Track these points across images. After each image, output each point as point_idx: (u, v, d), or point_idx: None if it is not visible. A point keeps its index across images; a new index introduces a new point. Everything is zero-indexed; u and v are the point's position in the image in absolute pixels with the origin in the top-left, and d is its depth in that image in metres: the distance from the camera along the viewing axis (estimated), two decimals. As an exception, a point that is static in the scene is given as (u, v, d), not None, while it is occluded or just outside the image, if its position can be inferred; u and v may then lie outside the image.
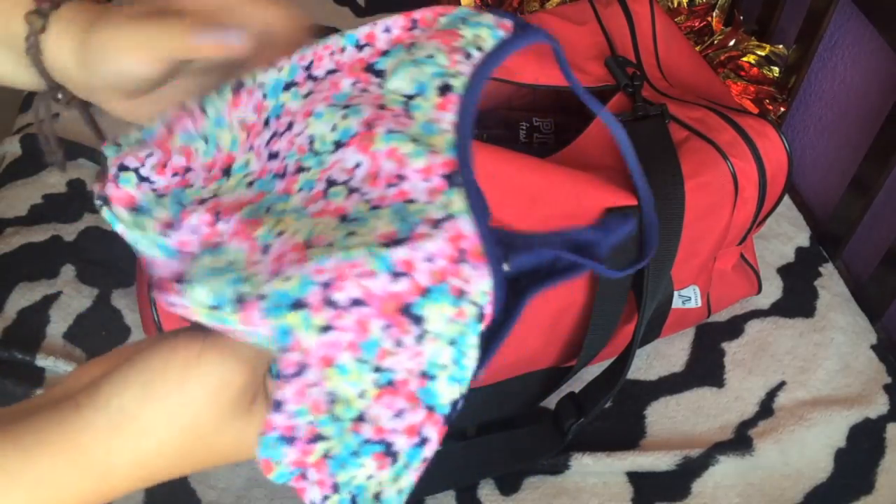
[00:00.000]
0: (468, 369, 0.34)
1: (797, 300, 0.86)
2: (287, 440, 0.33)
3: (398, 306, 0.31)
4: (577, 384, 0.74)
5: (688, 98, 0.76)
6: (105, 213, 0.38)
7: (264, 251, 0.33)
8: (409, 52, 0.37)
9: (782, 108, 0.98)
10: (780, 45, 1.00)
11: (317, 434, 0.33)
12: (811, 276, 0.89)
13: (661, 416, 0.77)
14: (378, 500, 0.35)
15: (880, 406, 0.78)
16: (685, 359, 0.82)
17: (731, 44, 0.99)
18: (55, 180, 0.93)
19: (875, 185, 0.84)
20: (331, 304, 0.31)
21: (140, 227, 0.37)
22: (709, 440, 0.75)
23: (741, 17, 1.02)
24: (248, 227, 0.34)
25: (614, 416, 0.77)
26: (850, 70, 0.92)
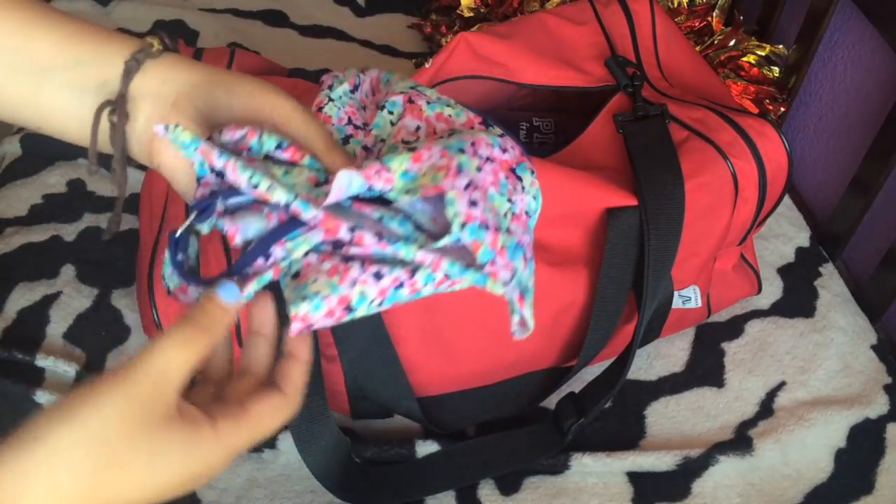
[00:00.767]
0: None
1: (797, 300, 0.86)
2: (485, 227, 0.41)
3: (509, 167, 0.45)
4: (577, 384, 0.74)
5: (688, 98, 0.76)
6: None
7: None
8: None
9: (782, 108, 0.98)
10: (780, 45, 1.00)
11: (499, 225, 0.42)
12: (811, 276, 0.89)
13: (661, 416, 0.77)
14: (527, 288, 0.44)
15: (880, 406, 0.78)
16: (685, 359, 0.82)
17: (731, 44, 0.99)
18: (55, 180, 0.93)
19: (875, 185, 0.84)
20: (477, 154, 0.43)
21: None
22: (709, 440, 0.75)
23: (741, 17, 1.02)
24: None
25: (614, 416, 0.77)
26: (850, 70, 0.92)
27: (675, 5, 1.02)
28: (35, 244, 0.86)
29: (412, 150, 0.42)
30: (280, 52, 1.10)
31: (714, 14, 1.01)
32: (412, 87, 0.48)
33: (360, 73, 0.51)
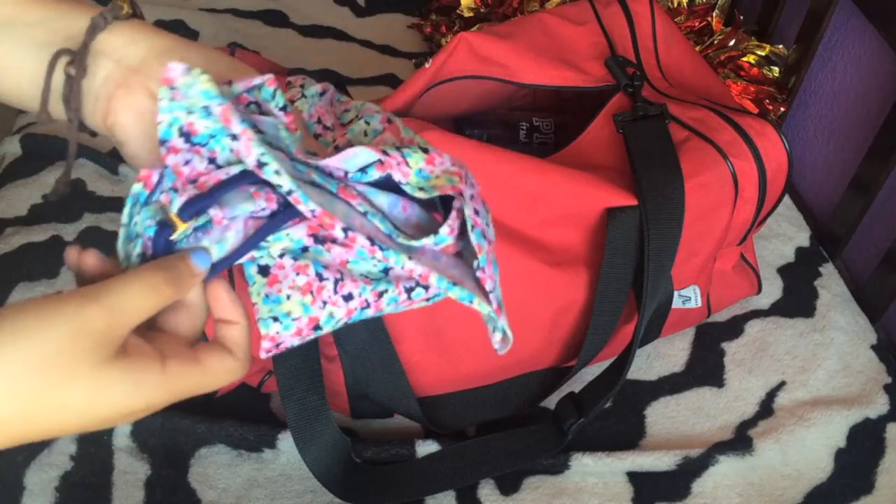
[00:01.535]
0: None
1: (797, 300, 0.86)
2: (483, 236, 0.42)
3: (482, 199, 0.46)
4: (577, 384, 0.74)
5: (688, 98, 0.76)
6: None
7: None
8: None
9: (782, 108, 0.98)
10: (780, 45, 1.00)
11: (490, 238, 0.43)
12: (811, 276, 0.89)
13: (661, 416, 0.77)
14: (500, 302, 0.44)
15: (880, 406, 0.78)
16: (685, 359, 0.82)
17: (731, 44, 0.99)
18: (55, 180, 0.92)
19: (875, 185, 0.84)
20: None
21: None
22: (709, 440, 0.75)
23: (741, 17, 1.02)
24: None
25: (614, 416, 0.77)
26: (850, 70, 0.92)
27: (675, 5, 1.02)
28: (35, 244, 0.86)
29: (426, 152, 0.43)
30: (280, 52, 1.10)
31: (714, 14, 1.01)
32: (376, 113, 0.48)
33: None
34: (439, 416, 0.73)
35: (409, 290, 0.42)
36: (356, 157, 0.41)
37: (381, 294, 0.42)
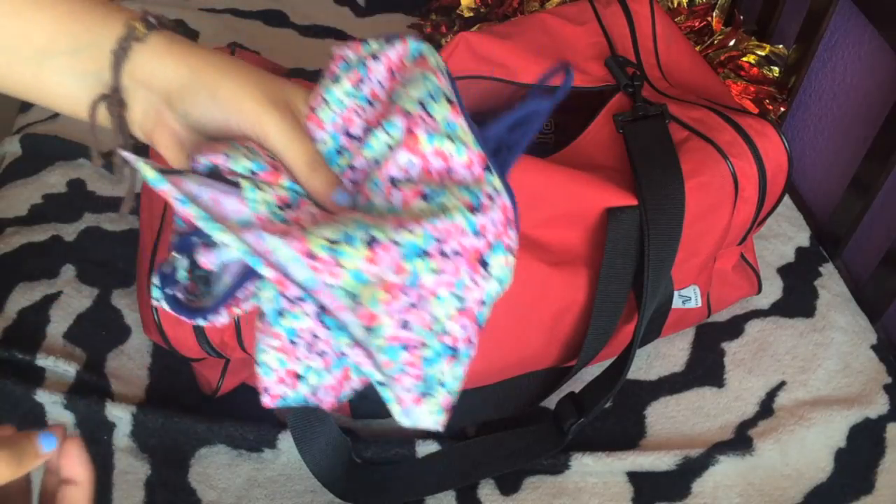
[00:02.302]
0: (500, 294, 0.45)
1: (797, 300, 0.86)
2: (404, 347, 0.42)
3: (477, 257, 0.42)
4: (577, 384, 0.74)
5: (688, 98, 0.76)
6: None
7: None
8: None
9: (782, 108, 0.98)
10: (780, 45, 1.00)
11: (424, 341, 0.42)
12: (811, 276, 0.89)
13: (661, 416, 0.77)
14: (441, 384, 0.43)
15: (880, 406, 0.78)
16: (685, 359, 0.82)
17: (731, 44, 0.99)
18: (55, 180, 0.93)
19: (875, 185, 0.84)
20: (441, 254, 0.41)
21: (253, 186, 0.44)
22: (709, 440, 0.75)
23: (741, 17, 1.02)
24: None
25: (614, 416, 0.77)
26: (850, 70, 0.92)
27: (675, 5, 1.02)
28: (35, 244, 0.86)
29: (370, 247, 0.39)
30: (280, 52, 1.10)
31: (714, 14, 1.01)
32: (430, 95, 0.44)
33: (372, 55, 0.46)
34: (439, 416, 0.73)
35: None
36: (279, 256, 0.40)
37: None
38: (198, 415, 0.72)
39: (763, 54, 0.99)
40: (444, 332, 0.42)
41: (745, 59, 0.99)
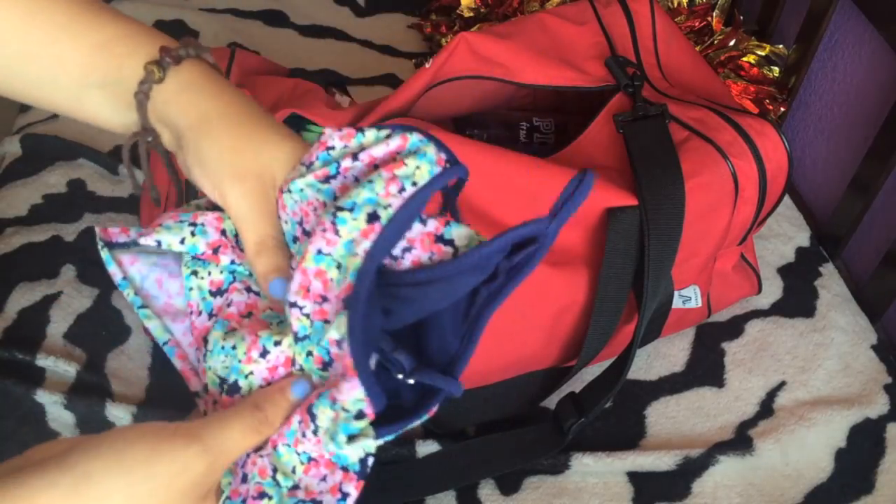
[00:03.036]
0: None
1: (797, 300, 0.86)
2: (241, 501, 0.40)
3: (305, 407, 0.40)
4: (577, 384, 0.74)
5: (688, 98, 0.76)
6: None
7: (262, 354, 0.42)
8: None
9: (782, 108, 0.98)
10: (780, 45, 1.00)
11: (262, 491, 0.40)
12: (811, 276, 0.89)
13: (661, 416, 0.77)
14: None
15: (880, 406, 0.78)
16: (685, 359, 0.82)
17: (731, 44, 0.99)
18: (55, 180, 0.93)
19: (875, 185, 0.84)
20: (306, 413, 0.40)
21: (192, 271, 0.47)
22: (709, 440, 0.75)
23: (741, 17, 1.02)
24: (258, 327, 0.43)
25: (614, 416, 0.77)
26: (850, 70, 0.92)
27: (675, 5, 1.02)
28: (35, 244, 0.86)
29: (230, 395, 0.42)
30: (280, 52, 1.10)
31: (714, 14, 1.01)
32: (353, 204, 0.39)
33: (353, 155, 0.42)
34: (439, 416, 0.73)
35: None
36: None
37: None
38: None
39: (763, 54, 0.99)
40: (296, 488, 0.41)
41: (745, 59, 0.99)
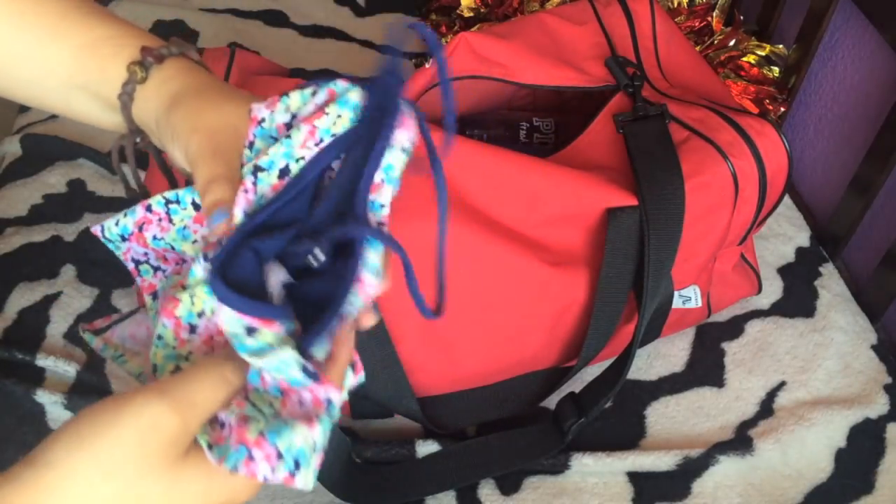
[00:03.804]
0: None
1: (797, 300, 0.86)
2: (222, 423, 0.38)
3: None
4: (577, 384, 0.74)
5: (688, 98, 0.76)
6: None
7: (191, 331, 0.41)
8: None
9: (782, 108, 0.98)
10: (780, 45, 1.00)
11: (245, 417, 0.37)
12: (811, 276, 0.89)
13: (661, 416, 0.77)
14: (315, 450, 0.38)
15: (880, 406, 0.78)
16: (685, 359, 0.82)
17: (731, 44, 0.99)
18: (55, 180, 0.93)
19: (875, 185, 0.84)
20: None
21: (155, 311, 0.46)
22: (709, 440, 0.75)
23: (741, 17, 1.02)
24: (171, 307, 0.41)
25: (614, 416, 0.77)
26: (850, 70, 0.92)
27: (675, 5, 1.02)
28: (35, 244, 0.86)
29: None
30: (280, 52, 1.10)
31: (714, 14, 1.01)
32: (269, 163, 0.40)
33: (284, 123, 0.42)
34: (439, 416, 0.73)
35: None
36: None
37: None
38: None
39: (763, 54, 0.99)
40: (278, 416, 0.39)
41: (745, 59, 0.99)
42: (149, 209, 0.45)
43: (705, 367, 0.81)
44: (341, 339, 0.40)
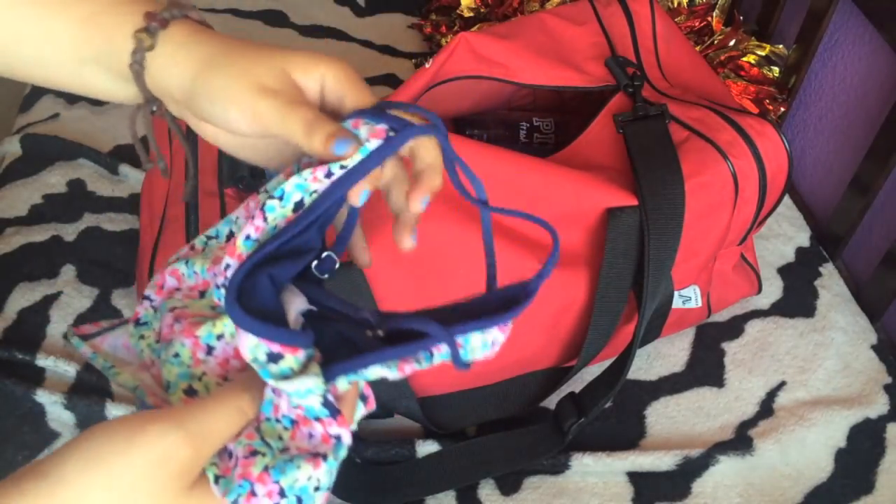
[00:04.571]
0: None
1: (797, 300, 0.86)
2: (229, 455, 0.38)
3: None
4: (577, 384, 0.74)
5: (688, 98, 0.76)
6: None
7: (208, 352, 0.41)
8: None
9: (782, 108, 0.98)
10: (780, 45, 1.00)
11: (253, 450, 0.38)
12: (811, 276, 0.89)
13: (661, 416, 0.77)
14: (318, 490, 0.38)
15: (880, 406, 0.78)
16: (685, 359, 0.82)
17: (731, 44, 0.99)
18: (55, 180, 0.93)
19: (875, 185, 0.84)
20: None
21: (139, 336, 0.46)
22: (709, 440, 0.75)
23: (741, 17, 1.02)
24: (192, 327, 0.42)
25: (614, 416, 0.77)
26: (850, 70, 0.92)
27: (675, 5, 1.02)
28: (35, 244, 0.86)
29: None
30: (280, 52, 1.09)
31: (714, 14, 1.01)
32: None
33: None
34: (439, 416, 0.73)
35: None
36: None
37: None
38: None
39: (763, 54, 0.99)
40: (286, 450, 0.39)
41: (745, 59, 0.99)
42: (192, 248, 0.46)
43: (705, 367, 0.81)
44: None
